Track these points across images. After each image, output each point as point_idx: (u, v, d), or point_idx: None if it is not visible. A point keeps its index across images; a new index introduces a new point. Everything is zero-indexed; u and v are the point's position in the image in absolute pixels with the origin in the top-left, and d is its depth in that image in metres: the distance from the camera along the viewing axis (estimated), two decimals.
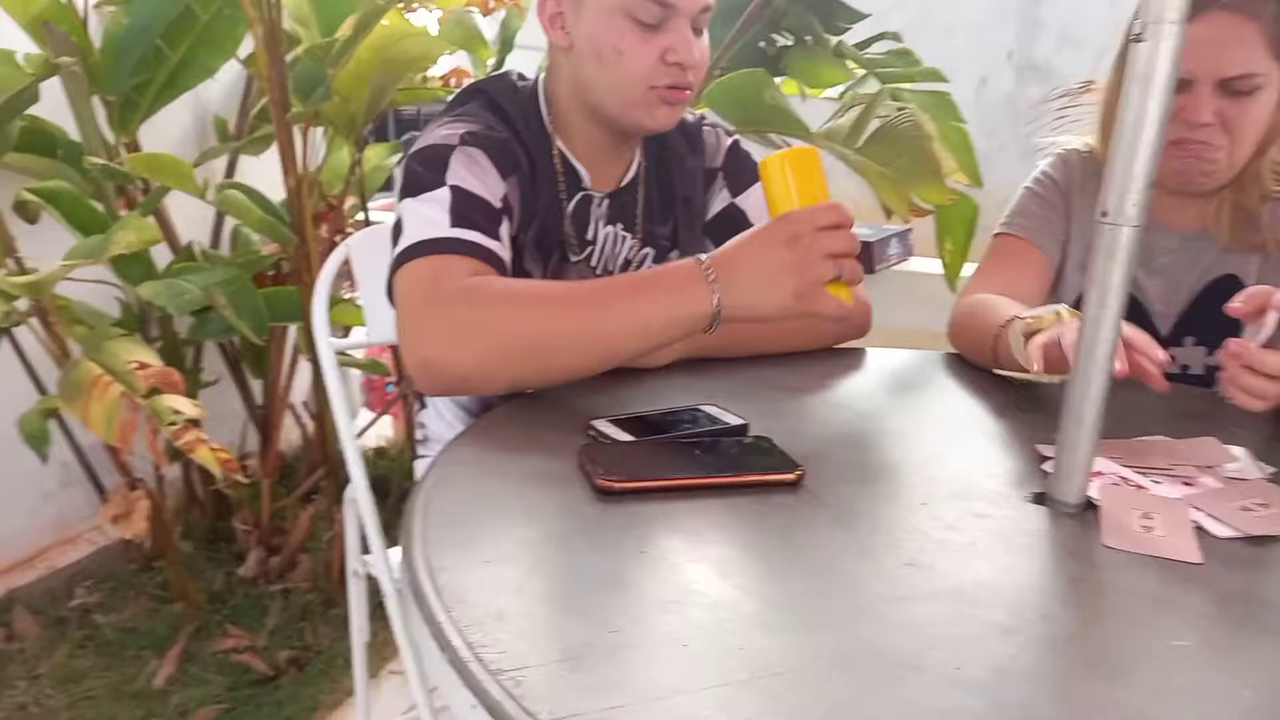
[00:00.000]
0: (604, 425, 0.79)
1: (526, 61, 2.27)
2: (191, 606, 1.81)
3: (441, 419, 1.16)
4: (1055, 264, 1.18)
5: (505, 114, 1.03)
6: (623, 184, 1.10)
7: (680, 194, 1.13)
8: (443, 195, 0.92)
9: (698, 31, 0.99)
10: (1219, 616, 0.57)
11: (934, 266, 1.73)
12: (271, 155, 1.76)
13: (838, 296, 0.80)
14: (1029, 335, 0.91)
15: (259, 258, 1.85)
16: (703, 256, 0.82)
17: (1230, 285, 1.09)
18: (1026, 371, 0.92)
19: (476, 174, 0.95)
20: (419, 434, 1.21)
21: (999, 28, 5.06)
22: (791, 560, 0.61)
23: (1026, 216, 1.19)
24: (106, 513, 1.46)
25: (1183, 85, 1.01)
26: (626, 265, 1.12)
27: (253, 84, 2.14)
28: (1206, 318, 1.11)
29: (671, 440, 0.77)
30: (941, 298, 1.71)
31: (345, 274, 1.33)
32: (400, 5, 1.74)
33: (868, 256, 1.92)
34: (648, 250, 1.13)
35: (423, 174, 0.94)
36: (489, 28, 1.98)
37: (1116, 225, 0.66)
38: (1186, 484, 0.75)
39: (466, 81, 2.03)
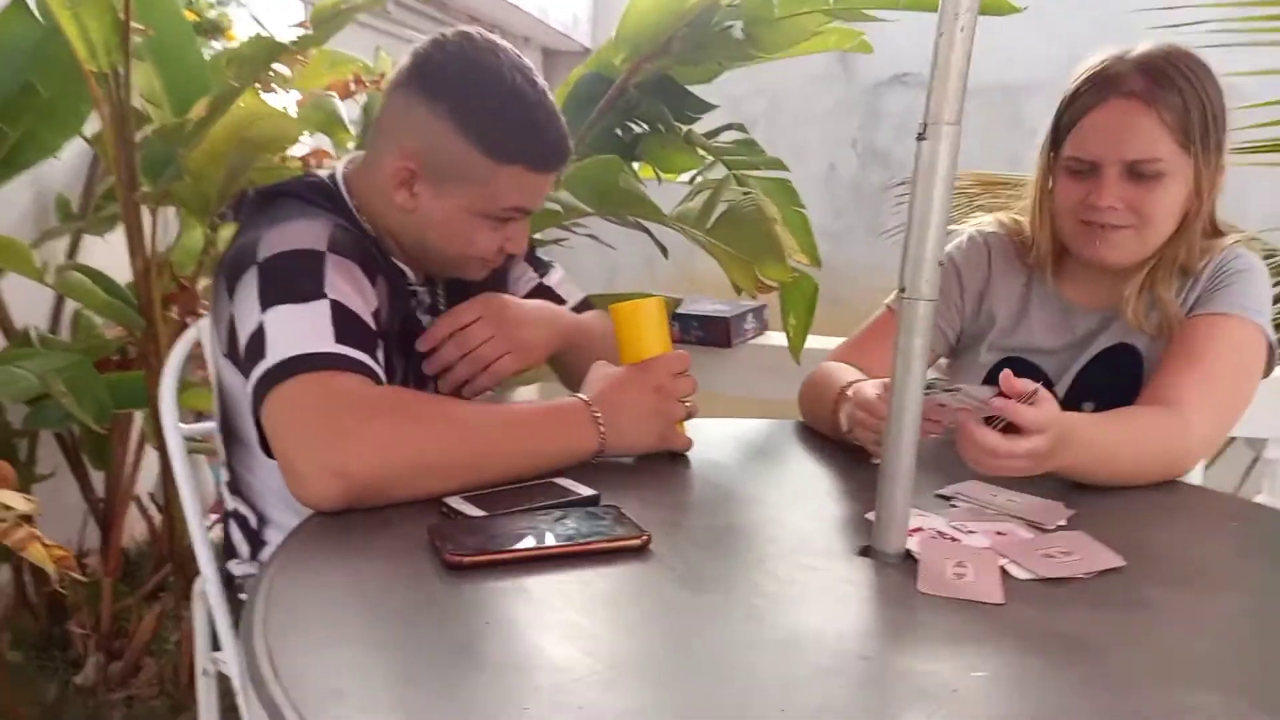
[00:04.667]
0: (457, 502, 0.81)
1: None
2: None
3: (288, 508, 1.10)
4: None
5: (331, 214, 1.01)
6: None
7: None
8: (322, 308, 0.88)
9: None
10: (1014, 648, 0.63)
11: (784, 340, 1.83)
12: (117, 236, 1.70)
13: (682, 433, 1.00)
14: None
15: (102, 342, 1.76)
16: (587, 398, 0.94)
17: (1127, 352, 1.14)
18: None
19: (353, 288, 0.92)
20: (240, 569, 1.11)
21: (844, 118, 5.46)
22: (634, 621, 0.64)
23: None
24: None
25: (1091, 169, 1.06)
26: None
27: (99, 162, 2.07)
28: (1102, 381, 1.14)
29: (522, 513, 0.79)
30: (793, 368, 1.81)
31: (196, 356, 1.29)
32: (257, 86, 1.74)
33: (725, 331, 2.01)
34: None
35: (296, 281, 0.89)
36: (350, 110, 2.00)
37: (914, 300, 0.74)
38: (999, 534, 0.83)
39: (328, 162, 2.04)
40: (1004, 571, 0.75)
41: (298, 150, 1.97)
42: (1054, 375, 1.19)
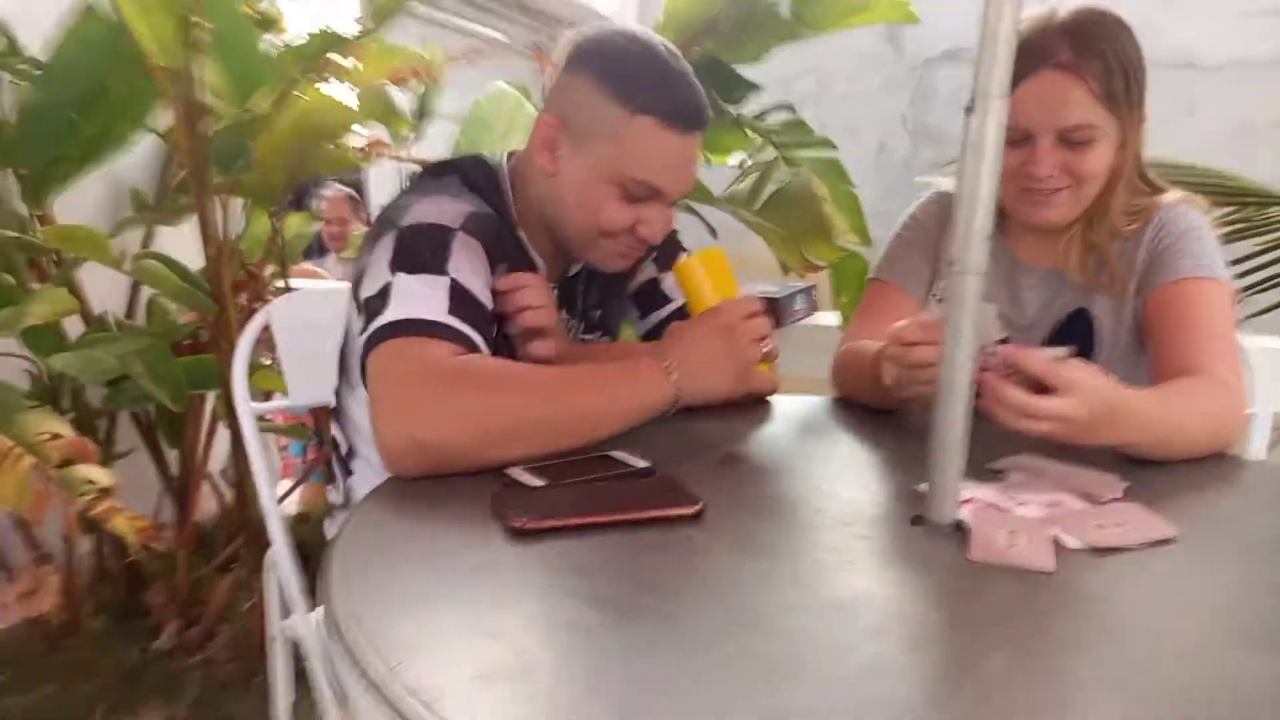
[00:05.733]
0: (517, 473, 0.84)
1: (444, 131, 2.34)
2: (104, 684, 1.75)
3: (373, 483, 1.15)
4: (923, 302, 1.26)
5: (485, 199, 1.06)
6: (569, 275, 1.17)
7: (613, 275, 1.19)
8: (443, 283, 0.93)
9: (672, 203, 1.05)
10: (1062, 614, 0.64)
11: (836, 319, 1.84)
12: (188, 227, 1.78)
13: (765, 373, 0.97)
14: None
15: (176, 326, 1.85)
16: (658, 350, 0.95)
17: (1082, 320, 1.19)
18: (904, 399, 1.01)
19: (475, 269, 0.96)
20: (335, 496, 1.20)
21: (894, 96, 5.38)
22: (689, 585, 0.67)
23: (895, 261, 1.27)
24: (14, 590, 1.42)
25: (1026, 138, 1.10)
26: None
27: (170, 156, 2.16)
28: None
29: (582, 483, 0.82)
30: None
31: (264, 340, 1.35)
32: (315, 78, 1.79)
33: (776, 312, 2.01)
34: (585, 331, 1.20)
35: (423, 252, 0.94)
36: (406, 100, 2.05)
37: (963, 273, 0.75)
38: (1051, 505, 0.83)
39: (386, 152, 2.10)
40: (1056, 541, 0.76)
41: (355, 141, 2.03)
42: (1016, 338, 1.21)
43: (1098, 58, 1.06)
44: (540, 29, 5.30)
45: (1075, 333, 1.19)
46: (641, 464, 0.88)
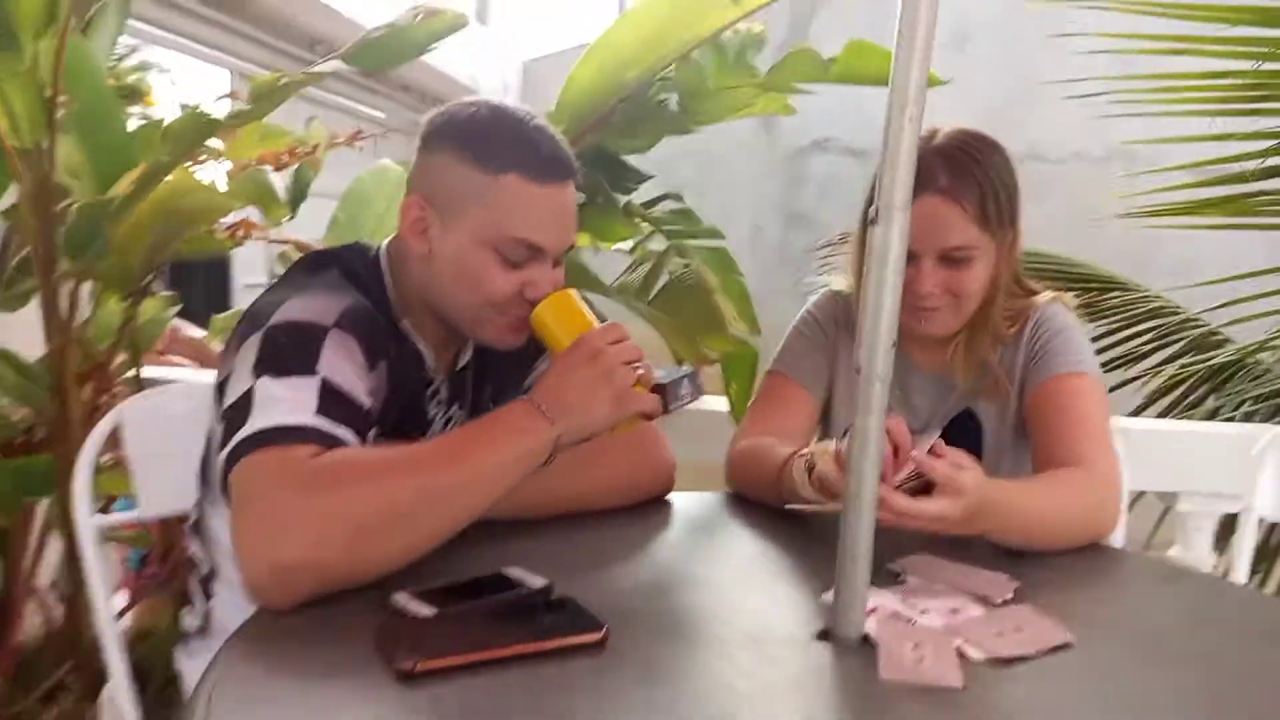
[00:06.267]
0: (403, 599, 0.77)
1: (321, 210, 2.26)
2: None
3: (237, 608, 1.05)
4: (819, 400, 1.27)
5: (365, 290, 1.00)
6: (459, 367, 1.12)
7: (508, 366, 1.14)
8: (311, 384, 0.85)
9: (557, 262, 1.01)
10: None
11: (722, 404, 1.84)
12: (25, 310, 1.62)
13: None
14: (810, 469, 0.99)
15: (6, 424, 1.66)
16: (525, 397, 0.88)
17: (969, 421, 1.23)
18: (810, 502, 1.00)
19: (350, 368, 0.89)
20: (192, 621, 1.08)
21: (768, 182, 5.63)
22: None
23: (792, 355, 1.29)
24: None
25: (910, 257, 1.10)
26: None
27: (12, 236, 1.98)
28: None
29: (474, 610, 0.76)
30: (729, 434, 1.81)
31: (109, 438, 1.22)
32: (186, 161, 1.70)
33: (663, 397, 2.01)
34: None
35: (290, 353, 0.87)
36: (281, 180, 1.97)
37: (869, 381, 0.75)
38: (952, 612, 0.83)
39: (255, 234, 2.00)
40: (960, 652, 0.75)
41: (224, 220, 1.92)
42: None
43: (974, 183, 1.12)
44: (425, 110, 5.29)
45: (963, 431, 1.22)
46: (539, 582, 0.83)
